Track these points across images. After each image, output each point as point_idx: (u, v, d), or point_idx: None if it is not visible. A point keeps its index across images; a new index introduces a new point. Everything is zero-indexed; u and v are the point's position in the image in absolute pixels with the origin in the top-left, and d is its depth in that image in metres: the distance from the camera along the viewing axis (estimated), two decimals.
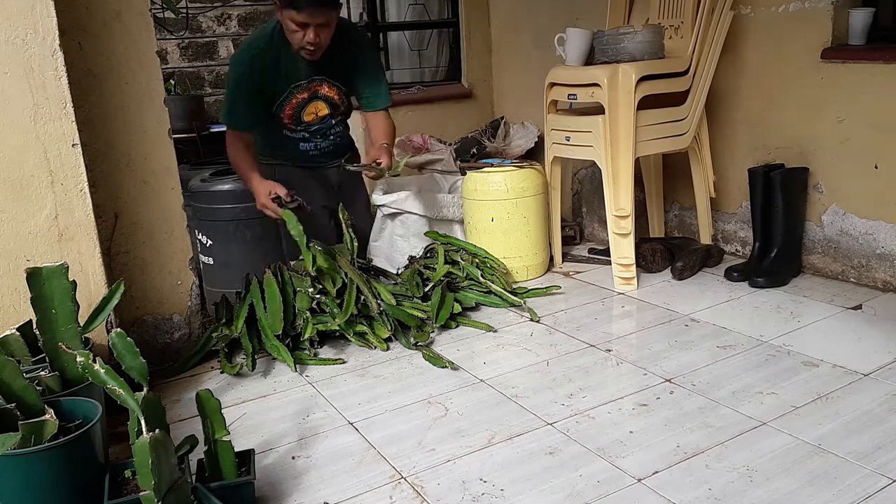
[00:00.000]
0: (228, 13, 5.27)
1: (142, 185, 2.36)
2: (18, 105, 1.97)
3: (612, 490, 1.69)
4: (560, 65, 3.12)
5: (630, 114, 2.84)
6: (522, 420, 2.03)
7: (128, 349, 1.59)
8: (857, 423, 1.91)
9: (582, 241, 3.81)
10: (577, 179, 3.92)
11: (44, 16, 1.96)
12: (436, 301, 2.68)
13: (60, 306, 1.81)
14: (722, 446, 1.84)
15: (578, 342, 2.53)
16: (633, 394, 2.14)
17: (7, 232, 2.02)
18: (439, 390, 2.23)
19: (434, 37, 4.76)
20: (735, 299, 2.83)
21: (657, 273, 3.17)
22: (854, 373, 2.18)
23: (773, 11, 2.97)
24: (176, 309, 2.50)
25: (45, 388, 1.75)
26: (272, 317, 2.46)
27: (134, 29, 2.27)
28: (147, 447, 1.34)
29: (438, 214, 3.33)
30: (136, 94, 2.30)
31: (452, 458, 1.86)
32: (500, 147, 4.07)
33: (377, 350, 2.54)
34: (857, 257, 2.89)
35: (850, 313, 2.64)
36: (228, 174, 3.33)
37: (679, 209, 3.55)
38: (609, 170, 2.92)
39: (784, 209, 2.90)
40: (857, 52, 2.76)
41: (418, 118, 4.24)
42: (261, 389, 2.32)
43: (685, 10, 3.06)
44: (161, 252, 2.44)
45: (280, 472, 1.84)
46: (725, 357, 2.34)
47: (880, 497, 1.61)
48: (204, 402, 1.63)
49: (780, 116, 3.04)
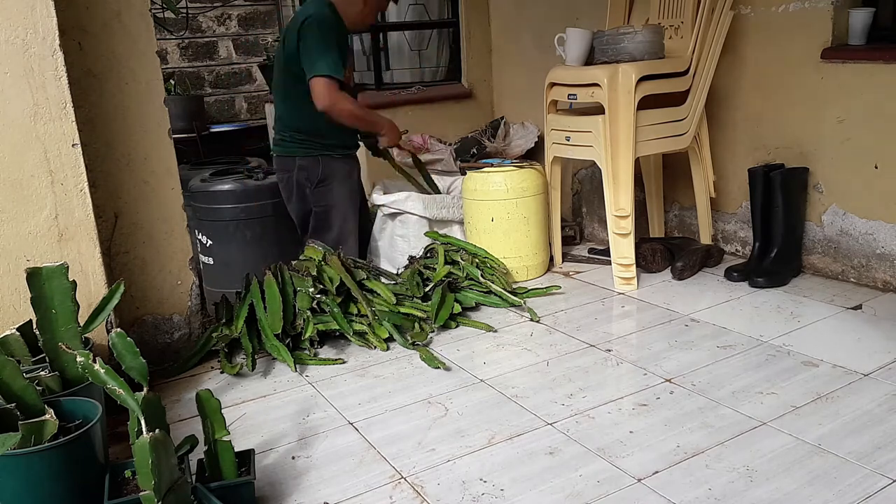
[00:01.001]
0: (228, 13, 5.27)
1: (142, 185, 2.36)
2: (18, 105, 1.97)
3: (612, 490, 1.69)
4: (560, 65, 3.12)
5: (630, 114, 2.84)
6: (522, 420, 2.03)
7: (128, 349, 1.59)
8: (857, 423, 1.91)
9: (582, 241, 3.80)
10: (577, 179, 3.92)
11: (44, 16, 1.96)
12: (436, 301, 2.68)
13: (60, 306, 1.81)
14: (722, 446, 1.84)
15: (578, 342, 2.53)
16: (633, 394, 2.14)
17: (7, 232, 2.02)
18: (439, 390, 2.23)
19: (434, 37, 4.75)
20: (735, 299, 2.83)
21: (657, 273, 3.17)
22: (854, 373, 2.18)
23: (773, 11, 2.97)
24: (176, 309, 2.50)
25: (45, 388, 1.75)
26: (272, 317, 2.47)
27: (134, 29, 2.27)
28: (147, 447, 1.34)
29: (437, 215, 3.33)
30: (136, 94, 2.30)
31: (452, 458, 1.86)
32: (500, 147, 4.07)
33: (377, 350, 2.54)
34: (857, 257, 2.89)
35: (850, 313, 2.64)
36: (228, 174, 3.34)
37: (679, 209, 3.55)
38: (609, 170, 2.92)
39: (784, 209, 2.89)
40: (857, 52, 2.76)
41: (418, 118, 4.23)
42: (261, 389, 2.32)
43: (685, 10, 3.06)
44: (161, 252, 2.44)
45: (280, 472, 1.85)
46: (725, 357, 2.34)
47: (880, 497, 1.61)
48: (204, 402, 1.64)
49: (780, 116, 3.04)
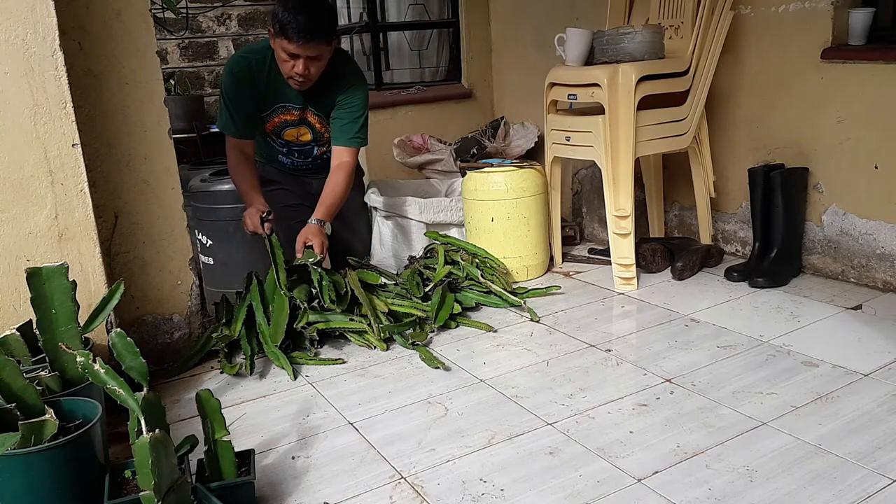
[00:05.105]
0: (228, 13, 5.26)
1: (142, 185, 2.36)
2: (18, 105, 1.97)
3: (612, 490, 1.69)
4: (560, 65, 3.12)
5: (630, 114, 2.84)
6: (522, 420, 2.03)
7: (128, 349, 1.59)
8: (857, 423, 1.91)
9: (582, 241, 3.80)
10: (577, 179, 3.92)
11: (44, 16, 1.96)
12: (436, 301, 2.68)
13: (60, 306, 1.81)
14: (722, 446, 1.84)
15: (578, 342, 2.53)
16: (633, 394, 2.14)
17: (7, 232, 2.01)
18: (439, 390, 2.23)
19: (434, 37, 4.76)
20: (735, 299, 2.83)
21: (657, 273, 3.17)
22: (854, 373, 2.18)
23: (773, 11, 2.97)
24: (176, 309, 2.50)
25: (45, 388, 1.75)
26: (275, 328, 2.45)
27: (134, 29, 2.27)
28: (147, 447, 1.34)
29: (433, 219, 3.32)
30: (136, 94, 2.30)
31: (452, 458, 1.86)
32: (500, 147, 4.07)
33: (377, 350, 2.54)
34: (857, 257, 2.89)
35: (850, 313, 2.64)
36: (228, 174, 3.33)
37: (679, 209, 3.55)
38: (609, 170, 2.92)
39: (784, 209, 2.89)
40: (857, 52, 2.76)
41: (418, 118, 4.24)
42: (261, 389, 2.32)
43: (685, 10, 3.06)
44: (161, 252, 2.44)
45: (280, 472, 1.84)
46: (725, 357, 2.34)
47: (880, 497, 1.61)
48: (204, 402, 1.64)
49: (780, 116, 3.04)
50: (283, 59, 2.54)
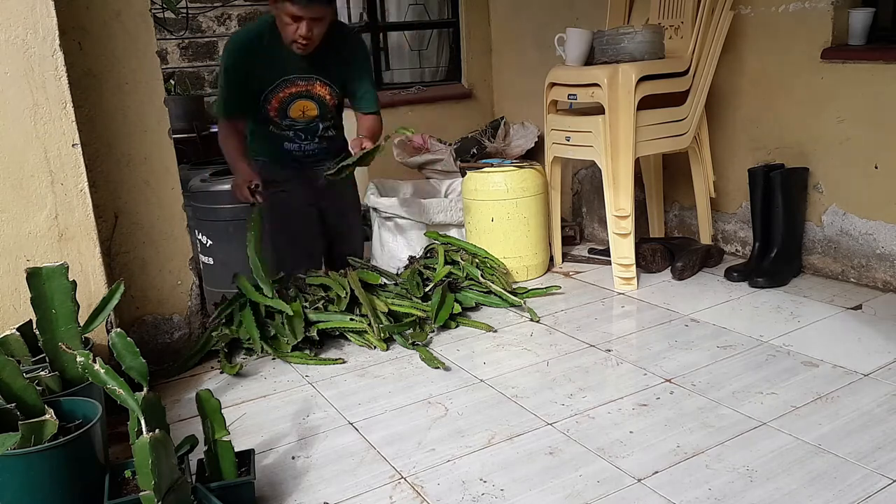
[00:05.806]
0: (228, 13, 5.27)
1: (142, 185, 2.36)
2: (18, 105, 1.97)
3: (612, 490, 1.69)
4: (560, 65, 3.12)
5: (630, 114, 2.84)
6: (522, 420, 2.03)
7: (128, 349, 1.59)
8: (857, 423, 1.91)
9: (582, 241, 3.80)
10: (577, 179, 3.92)
11: (44, 16, 1.96)
12: (436, 301, 2.68)
13: (60, 306, 1.81)
14: (722, 446, 1.84)
15: (578, 342, 2.53)
16: (633, 394, 2.14)
17: (7, 232, 2.02)
18: (439, 390, 2.23)
19: (434, 37, 4.75)
20: (735, 299, 2.83)
21: (657, 273, 3.17)
22: (854, 373, 2.18)
23: (773, 11, 2.97)
24: (176, 309, 2.50)
25: (45, 388, 1.75)
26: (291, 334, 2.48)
27: (134, 29, 2.27)
28: (147, 447, 1.34)
29: (432, 220, 3.31)
30: (136, 94, 2.30)
31: (452, 458, 1.86)
32: (500, 147, 4.07)
33: (377, 350, 2.54)
34: (857, 257, 2.89)
35: (850, 313, 2.64)
36: (228, 174, 3.33)
37: (679, 209, 3.55)
38: (609, 170, 2.92)
39: (784, 209, 2.89)
40: (857, 52, 2.76)
41: (418, 118, 4.23)
42: (261, 389, 2.32)
43: (685, 10, 3.06)
44: (161, 252, 2.44)
45: (280, 472, 1.84)
46: (725, 357, 2.34)
47: (880, 497, 1.61)
48: (204, 402, 1.64)
49: (780, 116, 3.04)
50: (287, 23, 2.57)
